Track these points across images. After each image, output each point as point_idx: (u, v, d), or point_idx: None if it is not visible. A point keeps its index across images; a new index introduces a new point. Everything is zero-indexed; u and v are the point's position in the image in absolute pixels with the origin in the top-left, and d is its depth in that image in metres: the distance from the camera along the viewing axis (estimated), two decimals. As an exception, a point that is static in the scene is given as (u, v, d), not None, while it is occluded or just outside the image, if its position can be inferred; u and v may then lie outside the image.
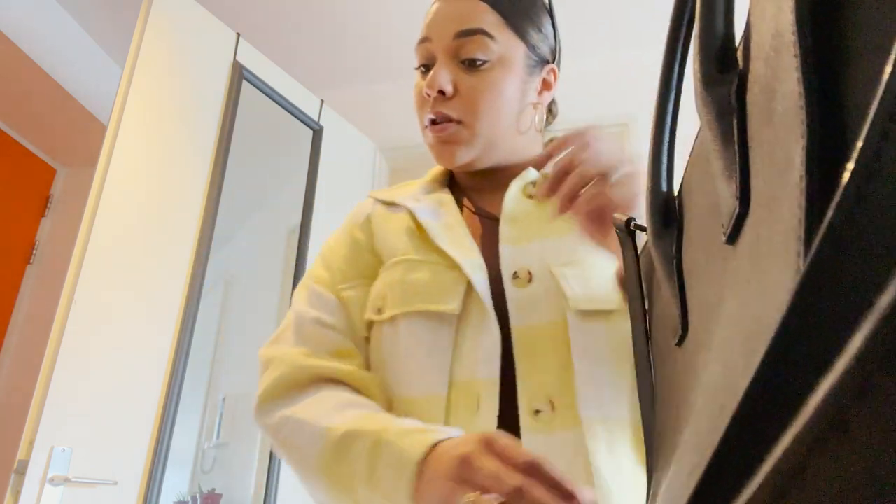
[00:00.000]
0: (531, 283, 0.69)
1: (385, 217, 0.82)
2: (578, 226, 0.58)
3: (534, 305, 0.68)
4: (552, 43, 0.88)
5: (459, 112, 0.76)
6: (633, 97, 2.62)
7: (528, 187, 0.78)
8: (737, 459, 0.14)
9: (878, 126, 0.11)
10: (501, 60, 0.77)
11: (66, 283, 1.68)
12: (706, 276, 0.26)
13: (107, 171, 1.79)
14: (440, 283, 0.70)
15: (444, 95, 0.76)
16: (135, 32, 1.94)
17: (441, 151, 0.78)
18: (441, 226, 0.76)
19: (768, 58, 0.19)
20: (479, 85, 0.76)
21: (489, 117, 0.77)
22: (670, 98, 0.27)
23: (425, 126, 0.79)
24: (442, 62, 0.77)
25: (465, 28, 0.76)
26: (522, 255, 0.71)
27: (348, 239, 0.84)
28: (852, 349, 0.10)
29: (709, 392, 0.24)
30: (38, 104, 2.74)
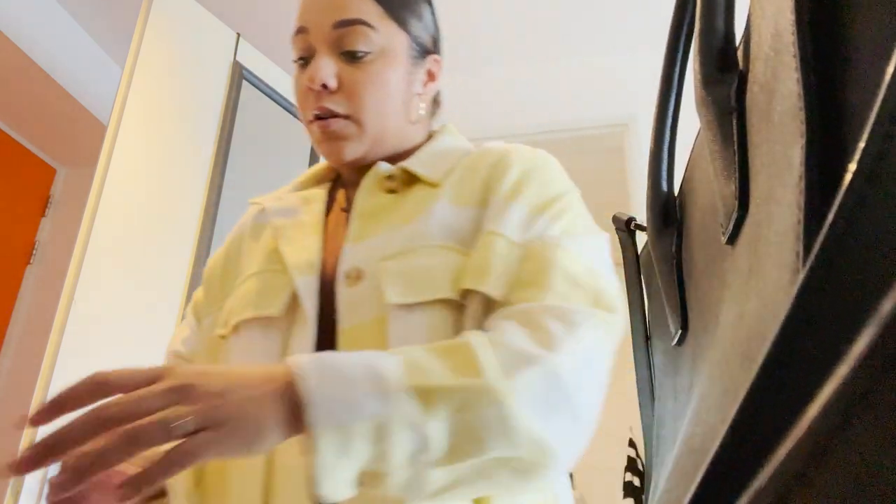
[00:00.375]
0: (360, 281, 0.66)
1: (256, 230, 0.80)
2: None
3: (359, 304, 0.65)
4: (433, 32, 0.84)
5: (345, 106, 0.73)
6: (633, 97, 2.62)
7: (385, 181, 0.75)
8: (737, 464, 0.14)
9: (880, 128, 0.11)
10: (384, 52, 0.74)
11: (66, 283, 1.68)
12: (706, 276, 0.26)
13: (107, 171, 1.79)
14: (269, 287, 0.69)
15: (327, 89, 0.72)
16: (135, 32, 1.94)
17: (329, 148, 0.75)
18: (292, 226, 0.74)
19: (768, 58, 0.19)
20: (363, 77, 0.73)
21: (376, 110, 0.74)
22: (671, 98, 0.27)
23: (309, 121, 0.75)
24: (322, 54, 0.73)
25: (343, 18, 0.73)
26: (357, 253, 0.68)
27: (223, 257, 0.82)
28: (855, 354, 0.10)
29: (709, 395, 0.24)
30: (38, 104, 2.74)
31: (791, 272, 0.16)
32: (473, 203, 0.70)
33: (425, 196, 0.72)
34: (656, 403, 0.58)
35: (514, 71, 2.83)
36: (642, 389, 0.69)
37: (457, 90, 2.88)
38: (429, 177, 0.73)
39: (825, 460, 0.10)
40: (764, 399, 0.14)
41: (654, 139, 0.28)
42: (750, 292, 0.20)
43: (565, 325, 0.56)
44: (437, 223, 0.68)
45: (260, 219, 0.80)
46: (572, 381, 0.55)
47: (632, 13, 2.52)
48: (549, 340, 0.55)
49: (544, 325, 0.56)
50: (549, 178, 0.72)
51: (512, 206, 0.67)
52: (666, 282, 0.31)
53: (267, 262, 0.72)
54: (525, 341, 0.54)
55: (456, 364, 0.53)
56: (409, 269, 0.65)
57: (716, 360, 0.24)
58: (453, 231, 0.68)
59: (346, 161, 0.75)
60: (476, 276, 0.62)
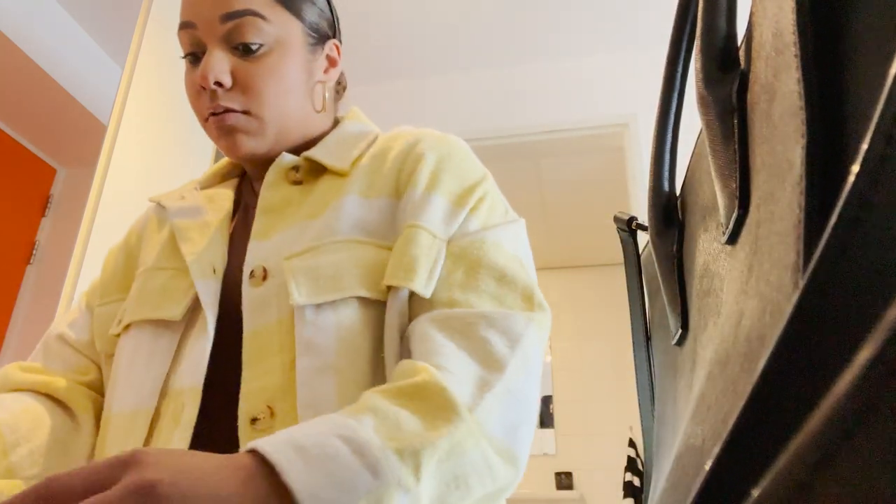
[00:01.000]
0: (266, 280, 0.64)
1: (155, 226, 0.78)
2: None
3: (265, 305, 0.62)
4: (329, 17, 0.80)
5: (243, 103, 0.69)
6: (633, 97, 2.62)
7: (290, 172, 0.72)
8: (737, 473, 0.14)
9: (882, 130, 0.11)
10: (279, 42, 0.70)
11: (66, 283, 1.68)
12: (706, 276, 0.26)
13: (107, 171, 1.79)
14: (170, 288, 0.67)
15: (221, 87, 0.68)
16: (135, 32, 1.94)
17: (228, 143, 0.70)
18: (196, 226, 0.72)
19: (769, 57, 0.19)
20: (259, 71, 0.69)
21: (277, 104, 0.70)
22: (673, 98, 0.27)
23: (205, 119, 0.71)
24: (214, 50, 0.68)
25: (231, 10, 0.68)
26: (262, 251, 0.66)
27: (123, 251, 0.80)
28: (859, 363, 0.10)
29: (709, 395, 0.24)
30: (38, 104, 2.74)
31: (792, 272, 0.16)
32: (385, 193, 0.69)
33: (333, 187, 0.69)
34: (656, 403, 0.58)
35: (514, 71, 2.83)
36: (642, 389, 0.69)
37: (455, 90, 2.88)
38: (336, 166, 0.71)
39: (827, 470, 0.10)
40: (763, 409, 0.14)
41: (656, 139, 0.28)
42: (750, 292, 0.20)
43: (508, 341, 0.56)
44: (346, 217, 0.66)
45: (161, 214, 0.79)
46: (524, 392, 0.55)
47: (632, 13, 2.53)
48: (496, 361, 0.54)
49: (487, 342, 0.56)
50: (465, 167, 0.71)
51: (432, 197, 0.66)
52: (667, 281, 0.31)
53: (166, 259, 0.71)
54: (473, 367, 0.54)
55: (428, 410, 0.49)
56: (317, 266, 0.62)
57: (716, 360, 0.25)
58: (364, 224, 0.66)
59: (247, 156, 0.72)
60: (404, 272, 0.60)
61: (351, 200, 0.67)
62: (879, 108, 0.11)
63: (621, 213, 0.70)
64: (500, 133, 2.71)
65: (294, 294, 0.60)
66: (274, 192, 0.71)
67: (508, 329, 0.57)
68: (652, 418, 0.62)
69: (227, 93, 0.69)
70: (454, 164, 0.70)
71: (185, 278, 0.67)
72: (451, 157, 0.71)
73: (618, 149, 2.75)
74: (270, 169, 0.72)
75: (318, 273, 0.62)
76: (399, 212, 0.67)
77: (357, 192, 0.68)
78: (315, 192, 0.70)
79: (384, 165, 0.71)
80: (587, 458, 4.32)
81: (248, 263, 0.65)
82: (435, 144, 0.71)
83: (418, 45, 2.72)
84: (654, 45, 2.65)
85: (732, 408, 0.20)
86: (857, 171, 0.12)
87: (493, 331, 0.57)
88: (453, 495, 0.48)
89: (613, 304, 4.67)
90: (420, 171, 0.68)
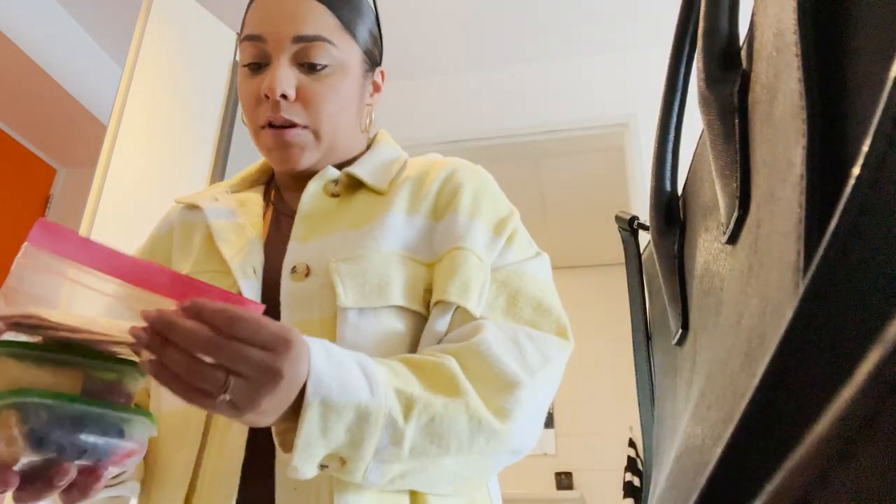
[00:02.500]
0: (308, 277, 0.68)
1: (187, 228, 0.79)
2: None
3: (307, 301, 0.66)
4: (380, 46, 0.87)
5: (303, 117, 0.74)
6: (633, 97, 2.62)
7: (330, 185, 0.77)
8: (734, 489, 0.14)
9: (883, 132, 0.11)
10: (341, 65, 0.76)
11: (67, 282, 1.67)
12: (707, 275, 0.26)
13: (107, 171, 1.79)
14: None
15: (285, 99, 0.73)
16: (135, 32, 1.94)
17: (283, 156, 0.75)
18: (231, 227, 0.74)
19: (770, 57, 0.19)
20: (321, 89, 0.74)
21: (332, 121, 0.76)
22: (676, 97, 0.27)
23: (261, 127, 0.75)
24: (282, 64, 0.73)
25: (305, 34, 0.73)
26: (304, 251, 0.70)
27: (147, 258, 0.80)
28: (860, 378, 0.09)
29: (709, 394, 0.24)
30: (38, 104, 2.74)
31: (792, 271, 0.16)
32: (425, 214, 0.75)
33: (373, 203, 0.75)
34: (656, 403, 0.58)
35: (514, 71, 2.83)
36: (642, 389, 0.69)
37: (455, 90, 2.88)
38: (375, 185, 0.76)
39: (827, 484, 0.10)
40: (760, 422, 0.13)
41: (658, 138, 0.28)
42: (750, 291, 0.20)
43: (542, 357, 0.66)
44: (390, 231, 0.71)
45: (189, 217, 0.80)
46: (545, 400, 0.66)
47: (632, 13, 2.53)
48: (531, 368, 0.65)
49: (526, 351, 0.65)
50: (498, 199, 0.79)
51: (473, 223, 0.73)
52: (667, 281, 0.31)
53: (203, 263, 0.73)
54: (513, 361, 0.63)
55: (434, 383, 0.60)
56: (363, 272, 0.67)
57: (716, 360, 0.25)
58: (405, 240, 0.72)
59: (299, 169, 0.77)
60: (459, 290, 0.67)
61: (395, 217, 0.73)
62: (880, 109, 0.11)
63: (623, 213, 0.70)
64: (500, 133, 2.71)
65: (341, 296, 0.65)
66: (314, 201, 0.75)
67: (543, 349, 0.67)
68: (652, 418, 0.62)
69: (289, 105, 0.73)
70: (489, 195, 0.78)
71: (223, 279, 0.69)
72: (487, 188, 0.79)
73: (618, 149, 2.75)
74: (314, 179, 0.77)
75: (365, 279, 0.66)
76: (437, 233, 0.73)
77: (401, 210, 0.74)
78: (353, 206, 0.75)
79: (423, 188, 0.77)
80: (587, 458, 4.32)
81: (289, 260, 0.69)
82: (471, 175, 0.79)
83: (418, 45, 2.72)
84: (654, 45, 2.65)
85: (732, 408, 0.20)
86: (858, 173, 0.12)
87: (532, 345, 0.66)
88: (431, 448, 0.58)
89: (613, 304, 4.67)
90: (461, 199, 0.75)
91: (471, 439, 0.59)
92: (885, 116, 0.11)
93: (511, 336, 0.66)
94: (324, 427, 0.51)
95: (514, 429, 0.61)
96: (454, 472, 0.62)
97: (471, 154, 2.72)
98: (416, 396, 0.57)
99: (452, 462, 0.60)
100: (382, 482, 0.58)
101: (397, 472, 0.58)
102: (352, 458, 0.54)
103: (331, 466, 0.55)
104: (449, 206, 0.75)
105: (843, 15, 0.15)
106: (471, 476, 0.64)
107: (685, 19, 0.25)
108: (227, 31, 2.24)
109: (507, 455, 0.64)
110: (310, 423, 0.51)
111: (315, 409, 0.51)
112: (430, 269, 0.71)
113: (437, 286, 0.68)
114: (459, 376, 0.61)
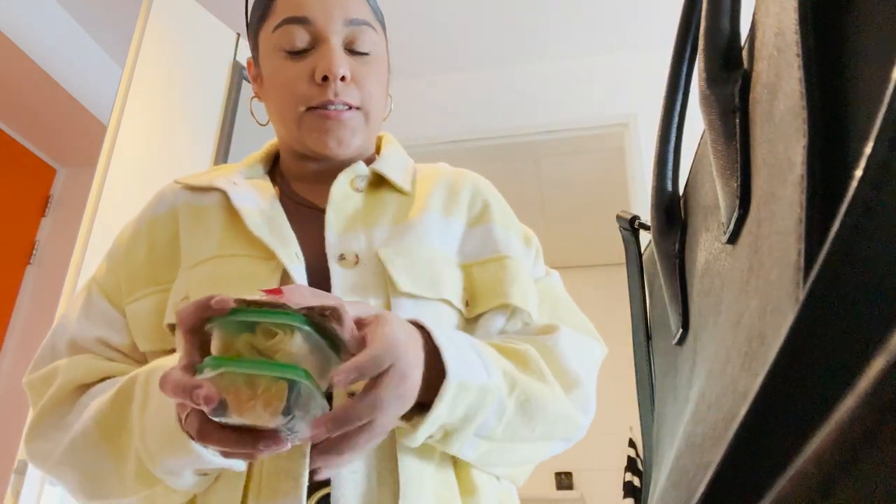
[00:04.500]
0: (357, 265, 0.68)
1: (194, 212, 0.76)
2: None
3: (363, 288, 0.66)
4: None
5: (357, 98, 0.74)
6: (633, 97, 2.62)
7: (357, 180, 0.77)
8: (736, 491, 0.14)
9: (885, 134, 0.11)
10: (378, 53, 0.78)
11: (66, 283, 1.68)
12: (707, 275, 0.26)
13: (107, 171, 1.79)
14: (252, 274, 0.67)
15: (342, 80, 0.73)
16: (135, 32, 1.94)
17: (332, 138, 0.74)
18: (258, 212, 0.72)
19: (771, 57, 0.19)
20: (370, 74, 0.75)
21: (378, 106, 0.77)
22: (677, 97, 0.27)
23: (310, 108, 0.73)
24: (335, 46, 0.73)
25: (355, 17, 0.75)
26: (349, 241, 0.70)
27: (145, 240, 0.76)
28: (861, 389, 0.09)
29: (709, 394, 0.24)
30: (38, 104, 2.73)
31: (793, 270, 0.16)
32: (459, 218, 0.77)
33: (403, 203, 0.77)
34: (656, 403, 0.58)
35: (513, 71, 2.83)
36: (642, 389, 0.69)
37: (455, 90, 2.88)
38: (400, 185, 0.78)
39: (829, 493, 0.10)
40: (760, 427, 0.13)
41: (660, 138, 0.28)
42: (751, 291, 0.20)
43: (593, 360, 0.75)
44: (431, 230, 0.73)
45: (197, 200, 0.77)
46: (593, 394, 0.73)
47: (632, 13, 2.52)
48: (587, 369, 0.71)
49: (583, 354, 0.72)
50: (511, 213, 0.83)
51: (510, 236, 0.77)
52: (668, 280, 0.31)
53: (232, 246, 0.70)
54: (575, 361, 0.70)
55: (522, 366, 0.65)
56: (412, 265, 0.68)
57: (716, 359, 0.25)
58: (443, 240, 0.74)
59: (344, 154, 0.76)
60: (521, 296, 0.71)
61: (433, 217, 0.75)
62: (882, 112, 0.11)
63: (624, 213, 0.70)
64: (499, 133, 2.71)
65: (399, 283, 0.66)
66: (343, 193, 0.75)
67: (592, 352, 0.75)
68: (652, 418, 0.62)
69: (345, 87, 0.73)
70: (511, 213, 0.83)
71: (262, 264, 0.68)
72: (507, 207, 0.83)
73: (618, 149, 2.75)
74: (345, 172, 0.77)
75: (417, 271, 0.68)
76: (471, 238, 0.76)
77: (436, 211, 0.76)
78: (380, 202, 0.76)
79: (456, 194, 0.80)
80: (587, 458, 4.31)
81: (333, 249, 0.69)
82: (493, 192, 0.83)
83: (418, 45, 2.71)
84: (655, 45, 2.65)
85: (733, 408, 0.20)
86: (861, 174, 0.12)
87: (585, 348, 0.74)
88: (519, 430, 0.62)
89: (613, 304, 4.66)
90: (492, 211, 0.79)
91: (553, 423, 0.65)
92: (888, 117, 0.11)
93: (573, 339, 0.72)
94: (452, 404, 0.55)
95: (586, 421, 0.70)
96: (523, 455, 0.67)
97: (471, 154, 2.72)
98: (517, 378, 0.62)
99: (529, 445, 0.65)
100: (472, 456, 0.62)
101: (485, 449, 0.62)
102: (458, 431, 0.58)
103: (435, 436, 0.59)
104: (482, 215, 0.78)
105: (844, 15, 0.15)
106: (532, 460, 0.70)
107: (687, 19, 0.25)
108: (227, 31, 2.24)
109: (563, 444, 0.70)
110: (444, 401, 0.54)
111: (452, 389, 0.54)
112: (465, 270, 0.73)
113: (494, 290, 0.70)
114: (543, 365, 0.66)
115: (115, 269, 0.76)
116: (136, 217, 0.82)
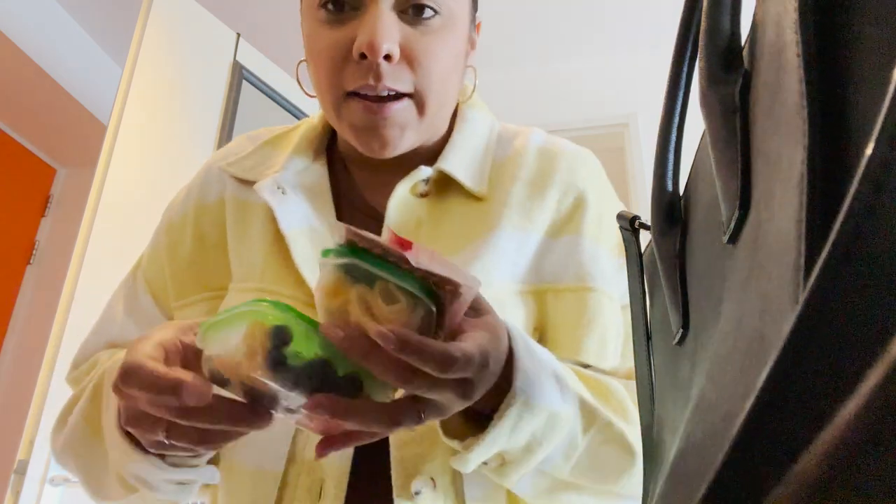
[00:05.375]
0: None
1: (241, 208, 0.63)
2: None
3: None
4: None
5: (409, 82, 0.56)
6: (633, 97, 2.62)
7: (420, 185, 0.62)
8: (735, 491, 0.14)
9: (886, 135, 0.11)
10: (451, 11, 0.58)
11: (66, 283, 1.68)
12: (708, 275, 0.26)
13: (107, 171, 1.79)
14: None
15: (388, 60, 0.54)
16: (135, 32, 1.94)
17: (376, 138, 0.58)
18: (307, 233, 0.60)
19: (772, 57, 0.19)
20: (431, 47, 0.56)
21: (441, 90, 0.59)
22: (678, 97, 0.27)
23: (347, 94, 0.57)
24: (382, 9, 0.54)
25: None
26: None
27: (191, 229, 0.65)
28: (862, 394, 0.09)
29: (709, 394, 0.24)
30: (38, 104, 2.74)
31: (792, 270, 0.16)
32: (541, 229, 0.62)
33: (473, 213, 0.62)
34: (656, 403, 0.58)
35: (514, 71, 2.83)
36: (642, 389, 0.69)
37: (457, 90, 2.88)
38: (474, 188, 0.62)
39: (828, 496, 0.10)
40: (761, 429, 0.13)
41: (660, 138, 0.28)
42: (751, 291, 0.20)
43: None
44: (502, 258, 0.59)
45: (243, 193, 0.65)
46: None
47: (632, 13, 2.53)
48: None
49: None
50: (616, 208, 0.66)
51: (599, 252, 0.62)
52: (669, 281, 0.31)
53: (273, 281, 0.59)
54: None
55: (605, 397, 0.55)
56: None
57: (716, 359, 0.24)
58: (517, 266, 0.60)
59: (392, 156, 0.60)
60: (598, 350, 0.58)
61: (506, 237, 0.60)
62: (883, 111, 0.11)
63: (625, 212, 0.70)
64: (500, 133, 2.71)
65: None
66: (402, 207, 0.61)
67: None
68: (652, 418, 0.62)
69: (392, 69, 0.55)
70: (612, 205, 0.66)
71: (307, 310, 0.57)
72: (610, 198, 0.67)
73: (618, 149, 2.75)
74: (403, 182, 0.61)
75: None
76: (553, 253, 0.62)
77: (511, 226, 0.61)
78: (446, 212, 0.62)
79: (539, 197, 0.63)
80: (587, 458, 4.31)
81: None
82: (594, 184, 0.66)
83: (418, 45, 2.72)
84: (655, 45, 2.65)
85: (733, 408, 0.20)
86: (861, 176, 0.12)
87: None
88: (590, 473, 0.52)
89: (613, 305, 4.66)
90: (584, 218, 0.63)
91: (623, 472, 0.53)
92: (889, 117, 0.11)
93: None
94: (514, 427, 0.46)
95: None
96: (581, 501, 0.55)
97: (471, 154, 2.71)
98: (597, 413, 0.51)
99: (590, 494, 0.54)
100: (528, 493, 0.52)
101: (545, 487, 0.52)
102: (517, 462, 0.48)
103: (490, 464, 0.49)
104: (569, 224, 0.63)
105: (845, 13, 0.15)
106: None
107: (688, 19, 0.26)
108: (227, 31, 2.24)
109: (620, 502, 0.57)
110: (507, 419, 0.45)
111: (517, 407, 0.45)
112: (537, 297, 0.60)
113: (566, 337, 0.58)
114: (629, 404, 0.55)
115: (159, 258, 0.66)
116: (183, 196, 0.68)
